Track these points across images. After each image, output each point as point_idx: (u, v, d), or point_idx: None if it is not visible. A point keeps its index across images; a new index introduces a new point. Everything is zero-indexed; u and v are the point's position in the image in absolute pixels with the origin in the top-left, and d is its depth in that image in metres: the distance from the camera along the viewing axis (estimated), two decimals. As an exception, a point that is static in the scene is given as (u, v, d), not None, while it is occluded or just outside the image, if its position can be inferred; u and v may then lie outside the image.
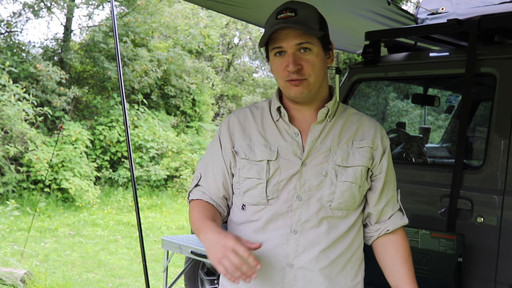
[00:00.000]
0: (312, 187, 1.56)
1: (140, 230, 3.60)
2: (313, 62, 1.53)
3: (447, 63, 2.95)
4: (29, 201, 8.71)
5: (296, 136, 1.58)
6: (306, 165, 1.56)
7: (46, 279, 4.98)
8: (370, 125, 1.66)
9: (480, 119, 4.20)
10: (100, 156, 10.32)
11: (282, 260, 1.55)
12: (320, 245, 1.55)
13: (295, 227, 1.55)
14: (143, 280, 3.91)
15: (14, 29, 10.93)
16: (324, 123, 1.60)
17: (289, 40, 1.51)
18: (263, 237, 1.57)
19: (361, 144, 1.61)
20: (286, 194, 1.56)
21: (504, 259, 2.48)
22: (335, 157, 1.57)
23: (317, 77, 1.55)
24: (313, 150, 1.57)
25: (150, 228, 8.03)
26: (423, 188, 2.85)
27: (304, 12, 1.53)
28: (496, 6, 3.20)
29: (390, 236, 1.67)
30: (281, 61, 1.54)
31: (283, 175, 1.56)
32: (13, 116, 8.39)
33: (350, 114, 1.66)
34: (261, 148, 1.58)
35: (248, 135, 1.61)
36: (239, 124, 1.64)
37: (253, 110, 1.66)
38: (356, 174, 1.58)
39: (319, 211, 1.55)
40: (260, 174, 1.57)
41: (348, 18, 3.67)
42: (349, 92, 3.25)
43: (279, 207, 1.56)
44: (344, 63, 14.64)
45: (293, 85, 1.53)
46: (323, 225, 1.56)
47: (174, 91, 12.15)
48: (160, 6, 12.02)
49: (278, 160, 1.57)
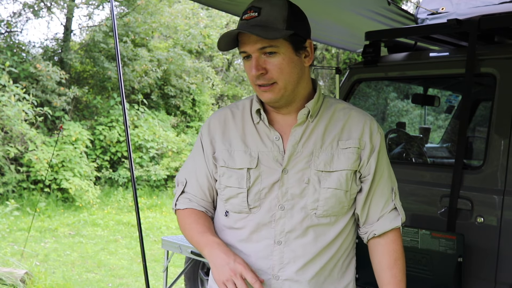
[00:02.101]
0: (295, 195, 1.47)
1: (140, 230, 3.60)
2: (280, 65, 1.42)
3: (447, 63, 2.95)
4: (29, 201, 8.71)
5: (277, 140, 1.49)
6: (287, 172, 1.47)
7: (46, 279, 4.98)
8: (358, 121, 1.53)
9: (480, 119, 4.20)
10: (100, 156, 10.32)
11: (268, 272, 1.48)
12: (306, 256, 1.48)
13: (279, 237, 1.47)
14: (143, 280, 3.91)
15: (14, 29, 10.93)
16: (306, 125, 1.49)
17: (251, 45, 1.42)
18: (247, 248, 1.50)
19: (346, 145, 1.49)
20: (269, 203, 1.48)
21: (504, 259, 2.48)
22: (317, 162, 1.47)
23: (288, 80, 1.44)
24: (294, 156, 1.48)
25: (150, 228, 8.03)
26: (423, 188, 2.84)
27: (270, 11, 1.41)
28: (496, 6, 3.20)
29: (378, 240, 1.57)
30: (248, 65, 1.45)
31: (264, 183, 1.48)
32: (13, 117, 8.39)
33: (337, 110, 1.54)
34: (241, 155, 1.50)
35: (228, 140, 1.53)
36: (220, 127, 1.56)
37: (233, 111, 1.57)
38: (340, 180, 1.47)
39: (304, 220, 1.47)
40: (240, 182, 1.49)
41: (348, 17, 3.68)
42: (349, 92, 3.25)
43: (262, 217, 1.48)
44: (344, 63, 14.64)
45: (263, 91, 1.45)
46: (309, 235, 1.47)
47: (174, 91, 12.14)
48: (160, 6, 12.01)
49: (258, 168, 1.48)
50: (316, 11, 3.40)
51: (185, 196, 1.60)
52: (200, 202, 1.59)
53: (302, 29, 1.47)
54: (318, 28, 3.86)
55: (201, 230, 1.51)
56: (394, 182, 1.61)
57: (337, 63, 16.66)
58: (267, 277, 1.48)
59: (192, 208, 1.59)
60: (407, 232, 2.60)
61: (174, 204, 1.63)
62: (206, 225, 1.54)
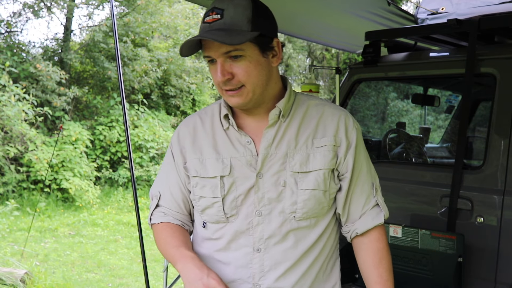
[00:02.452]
0: (272, 199, 1.41)
1: (140, 230, 3.60)
2: (247, 69, 1.35)
3: (447, 63, 2.95)
4: (29, 201, 8.71)
5: (248, 144, 1.43)
6: (262, 176, 1.41)
7: (46, 279, 4.98)
8: (332, 117, 1.46)
9: (480, 119, 4.20)
10: (100, 156, 10.32)
11: (248, 281, 1.43)
12: (287, 262, 1.42)
13: (258, 245, 1.42)
14: (143, 280, 3.91)
15: (14, 29, 10.93)
16: (278, 125, 1.43)
17: (215, 49, 1.34)
18: (226, 257, 1.46)
19: (322, 143, 1.43)
20: (246, 210, 1.42)
21: (504, 259, 2.48)
22: (292, 163, 1.41)
23: (256, 83, 1.37)
24: (267, 159, 1.42)
25: (150, 228, 8.01)
26: (423, 188, 2.85)
27: (233, 12, 1.33)
28: (496, 6, 3.21)
29: (361, 239, 1.51)
30: (213, 69, 1.38)
31: (239, 190, 1.42)
32: (13, 117, 8.39)
33: (310, 107, 1.48)
34: (213, 163, 1.44)
35: (199, 148, 1.47)
36: (189, 136, 1.50)
37: (202, 117, 1.51)
38: (318, 180, 1.41)
39: (283, 224, 1.41)
40: (214, 191, 1.43)
41: (348, 19, 3.68)
42: (349, 92, 3.25)
43: (240, 224, 1.43)
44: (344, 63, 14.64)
45: (230, 95, 1.38)
46: (289, 240, 1.42)
47: (174, 91, 12.15)
48: (160, 6, 12.02)
49: (232, 174, 1.42)
50: (315, 13, 3.41)
51: (159, 210, 1.55)
52: (176, 215, 1.54)
53: (268, 29, 1.39)
54: (318, 29, 3.86)
55: (176, 244, 1.44)
56: (375, 177, 1.56)
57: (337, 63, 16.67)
58: (248, 286, 1.44)
59: (167, 222, 1.53)
60: (407, 232, 2.60)
61: (149, 219, 1.58)
62: (181, 239, 1.47)
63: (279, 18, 1.54)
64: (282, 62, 18.66)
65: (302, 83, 3.47)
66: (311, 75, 3.19)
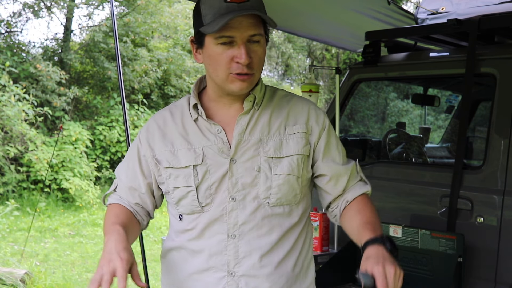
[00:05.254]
0: (246, 184, 1.41)
1: (140, 230, 3.59)
2: (261, 55, 1.39)
3: (447, 63, 2.95)
4: (29, 201, 8.71)
5: (219, 133, 1.43)
6: (235, 162, 1.42)
7: (46, 279, 4.98)
8: (302, 106, 1.50)
9: (480, 119, 4.20)
10: (100, 156, 10.32)
11: (222, 269, 1.42)
12: (262, 249, 1.42)
13: (232, 231, 1.41)
14: (143, 280, 3.91)
15: (14, 29, 10.94)
16: (252, 113, 1.45)
17: (243, 30, 1.33)
18: (199, 245, 1.44)
19: (294, 130, 1.46)
20: (220, 197, 1.42)
21: (504, 259, 2.48)
22: (266, 149, 1.42)
23: (260, 72, 1.42)
24: (241, 144, 1.42)
25: (150, 228, 8.02)
26: (423, 188, 2.84)
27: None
28: (496, 6, 3.20)
29: (350, 205, 1.51)
30: (227, 52, 1.35)
31: (213, 178, 1.42)
32: (13, 117, 8.39)
33: (280, 97, 1.51)
34: (185, 152, 1.43)
35: (169, 140, 1.46)
36: (159, 130, 1.49)
37: (172, 111, 1.51)
38: (292, 165, 1.43)
39: (257, 210, 1.42)
40: (188, 181, 1.42)
41: (348, 15, 3.68)
42: (349, 92, 3.25)
43: (213, 211, 1.42)
44: (344, 63, 14.65)
45: (240, 80, 1.37)
46: (264, 226, 1.42)
47: (174, 91, 12.15)
48: (160, 6, 12.02)
49: (205, 163, 1.42)
50: (316, 9, 3.41)
51: (116, 194, 1.56)
52: (131, 204, 1.53)
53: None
54: (318, 27, 3.86)
55: (114, 221, 1.42)
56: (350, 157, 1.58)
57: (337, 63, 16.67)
58: (222, 275, 1.43)
59: (120, 204, 1.52)
60: (407, 232, 2.60)
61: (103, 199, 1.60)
62: (122, 218, 1.45)
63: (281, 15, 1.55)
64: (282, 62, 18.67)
65: (302, 83, 3.47)
66: (311, 75, 3.18)
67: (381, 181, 2.95)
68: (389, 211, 2.89)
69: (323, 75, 17.22)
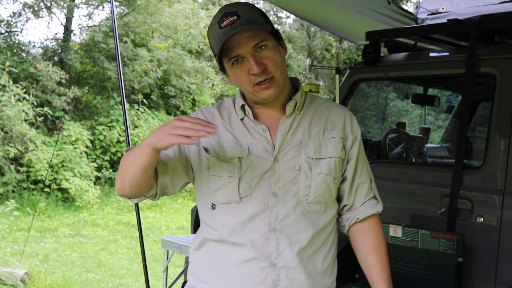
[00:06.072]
0: (287, 182, 1.51)
1: (140, 230, 3.60)
2: (273, 57, 1.48)
3: (447, 63, 2.95)
4: (29, 201, 8.71)
5: (264, 132, 1.54)
6: (278, 161, 1.52)
7: (46, 279, 4.98)
8: (340, 113, 1.62)
9: (480, 119, 4.20)
10: (100, 156, 10.32)
11: (264, 260, 1.50)
12: (300, 242, 1.52)
13: (274, 225, 1.50)
14: (143, 280, 3.91)
15: (14, 29, 10.93)
16: (293, 116, 1.56)
17: (244, 45, 1.45)
18: (241, 238, 1.51)
19: (332, 134, 1.57)
20: (261, 192, 1.51)
21: (504, 259, 2.48)
22: (307, 150, 1.53)
23: (282, 71, 1.50)
24: (284, 145, 1.53)
25: (150, 228, 8.03)
26: (423, 188, 2.85)
27: (245, 11, 1.47)
28: (496, 6, 3.20)
29: (360, 224, 1.64)
30: (241, 68, 1.48)
31: (255, 172, 1.51)
32: (13, 117, 8.39)
33: (319, 104, 1.62)
34: (232, 146, 1.53)
35: (217, 133, 1.55)
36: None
37: (220, 110, 1.61)
38: (330, 166, 1.54)
39: (296, 206, 1.52)
40: (231, 171, 1.51)
41: (349, 15, 3.68)
42: (349, 92, 3.25)
43: (255, 206, 1.51)
44: (344, 63, 14.65)
45: (263, 89, 1.48)
46: (302, 222, 1.52)
47: (174, 91, 12.14)
48: (160, 6, 12.02)
49: (249, 157, 1.51)
50: (316, 9, 3.41)
51: None
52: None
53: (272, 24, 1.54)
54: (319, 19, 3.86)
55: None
56: (371, 173, 1.69)
57: (337, 63, 16.67)
58: (265, 265, 1.50)
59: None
60: (407, 232, 2.60)
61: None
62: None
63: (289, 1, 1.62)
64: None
65: (302, 83, 3.47)
66: (311, 75, 3.19)
67: (381, 181, 2.94)
68: (389, 211, 2.88)
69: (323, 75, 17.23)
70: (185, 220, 8.78)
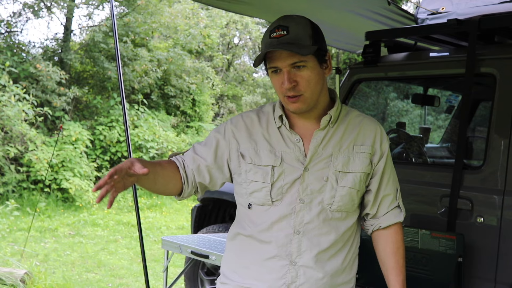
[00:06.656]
0: (314, 191, 1.64)
1: (140, 230, 3.60)
2: (308, 78, 1.59)
3: (447, 63, 2.95)
4: (29, 201, 8.71)
5: (298, 142, 1.66)
6: (308, 170, 1.64)
7: (46, 279, 4.98)
8: (370, 129, 1.72)
9: (480, 119, 4.19)
10: (100, 156, 10.32)
11: (286, 258, 1.65)
12: (321, 245, 1.65)
13: (298, 228, 1.64)
14: (143, 280, 3.91)
15: (14, 29, 10.93)
16: (327, 130, 1.67)
17: (283, 60, 1.57)
18: (268, 236, 1.67)
19: (361, 150, 1.68)
20: (290, 197, 1.65)
21: (504, 259, 2.48)
22: (336, 163, 1.65)
23: (313, 91, 1.61)
24: (315, 156, 1.65)
25: (150, 228, 8.03)
26: (423, 188, 2.84)
27: (297, 29, 1.57)
28: (496, 6, 3.20)
29: (383, 231, 1.77)
30: (277, 78, 1.61)
31: (286, 179, 1.65)
32: (13, 117, 8.39)
33: (352, 118, 1.73)
34: (266, 153, 1.66)
35: (254, 140, 1.69)
36: (246, 128, 1.71)
37: (259, 115, 1.73)
38: (355, 180, 1.66)
39: (320, 213, 1.65)
40: (265, 178, 1.65)
41: (348, 18, 3.68)
42: (349, 92, 3.25)
43: (284, 209, 1.65)
44: (344, 63, 14.64)
45: (291, 102, 1.61)
46: (324, 227, 1.65)
47: (174, 91, 12.15)
48: (160, 6, 12.02)
49: (282, 165, 1.65)
50: (315, 11, 3.40)
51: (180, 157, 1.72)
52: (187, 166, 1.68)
53: (323, 44, 1.64)
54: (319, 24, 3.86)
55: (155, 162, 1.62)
56: (398, 183, 1.82)
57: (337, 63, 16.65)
58: (285, 263, 1.65)
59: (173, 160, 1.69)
60: (407, 232, 2.60)
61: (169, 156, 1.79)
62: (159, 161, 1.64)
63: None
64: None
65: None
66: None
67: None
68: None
69: (323, 75, 17.22)
70: (185, 220, 8.78)
